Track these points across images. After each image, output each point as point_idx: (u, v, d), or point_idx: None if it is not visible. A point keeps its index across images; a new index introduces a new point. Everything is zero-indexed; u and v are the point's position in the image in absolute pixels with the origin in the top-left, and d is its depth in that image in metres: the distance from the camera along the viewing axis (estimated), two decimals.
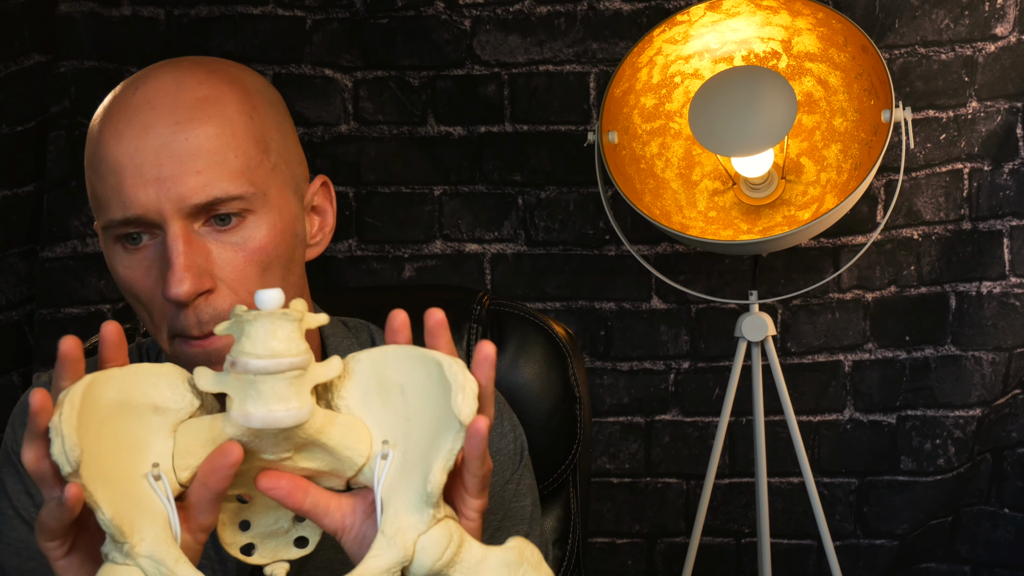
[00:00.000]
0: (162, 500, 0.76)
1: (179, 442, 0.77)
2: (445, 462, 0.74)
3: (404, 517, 0.75)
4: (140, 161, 0.93)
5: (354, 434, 0.78)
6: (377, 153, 2.30)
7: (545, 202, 2.30)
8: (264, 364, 0.73)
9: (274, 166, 0.98)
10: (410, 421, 0.78)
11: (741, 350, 2.04)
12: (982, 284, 2.19)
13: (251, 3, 2.24)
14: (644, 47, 2.01)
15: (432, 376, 0.76)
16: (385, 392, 0.79)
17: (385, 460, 0.78)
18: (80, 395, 0.74)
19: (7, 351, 2.19)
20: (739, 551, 2.34)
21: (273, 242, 0.97)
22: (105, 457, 0.75)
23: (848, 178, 1.96)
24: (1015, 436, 2.24)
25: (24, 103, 2.16)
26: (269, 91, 1.03)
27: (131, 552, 0.73)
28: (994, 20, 2.16)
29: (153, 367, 0.79)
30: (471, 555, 0.76)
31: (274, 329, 0.73)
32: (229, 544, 0.82)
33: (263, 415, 0.74)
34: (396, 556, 0.74)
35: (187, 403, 0.78)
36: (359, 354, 0.80)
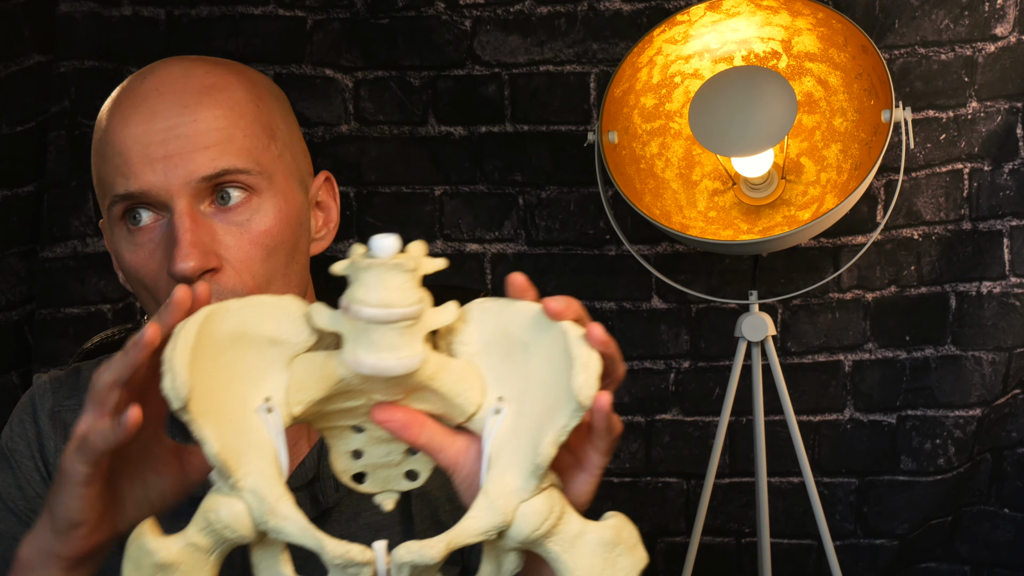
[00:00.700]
0: (272, 434, 0.76)
1: (293, 376, 0.77)
2: (557, 437, 0.73)
3: (509, 481, 0.75)
4: (147, 142, 0.93)
5: (467, 382, 0.78)
6: (378, 153, 2.30)
7: (545, 202, 2.30)
8: (375, 313, 0.72)
9: (280, 154, 0.99)
10: (528, 380, 0.77)
11: (741, 350, 2.04)
12: (982, 284, 2.20)
13: (251, 3, 2.24)
14: (644, 47, 2.01)
15: (557, 344, 0.75)
16: (508, 346, 0.78)
17: (498, 415, 0.77)
18: (196, 329, 0.74)
19: (7, 351, 2.19)
20: (739, 551, 2.34)
21: (278, 226, 0.97)
22: (219, 388, 0.75)
23: (848, 178, 1.96)
24: (1015, 436, 2.24)
25: (24, 103, 2.16)
26: (275, 87, 1.04)
27: (236, 486, 0.74)
28: (994, 20, 2.16)
29: (273, 299, 0.78)
30: (569, 528, 0.76)
31: (387, 279, 0.72)
32: (341, 472, 0.83)
33: (373, 362, 0.73)
34: (496, 520, 0.74)
35: (304, 337, 0.78)
36: (486, 302, 0.79)
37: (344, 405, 0.79)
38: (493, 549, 0.77)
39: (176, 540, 0.75)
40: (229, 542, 0.75)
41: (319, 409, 0.79)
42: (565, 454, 0.80)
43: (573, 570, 0.75)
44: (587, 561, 0.76)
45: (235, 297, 0.94)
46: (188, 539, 0.75)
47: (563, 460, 0.80)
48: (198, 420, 0.73)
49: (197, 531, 0.74)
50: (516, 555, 0.77)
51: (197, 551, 0.75)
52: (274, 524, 0.73)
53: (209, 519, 0.74)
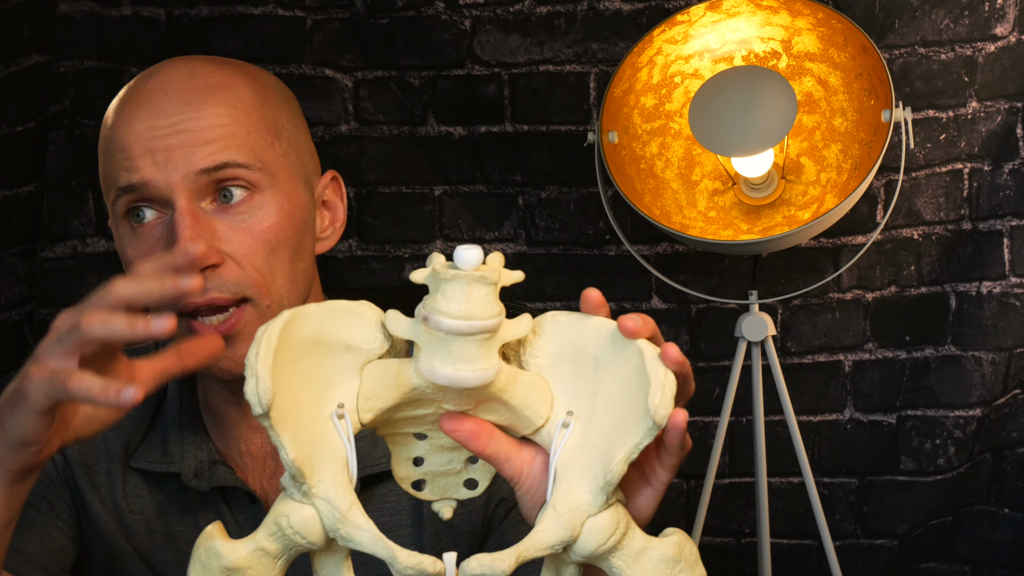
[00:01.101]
0: (343, 441, 0.76)
1: (365, 383, 0.78)
2: (629, 455, 0.74)
3: (577, 496, 0.75)
4: (149, 136, 0.94)
5: (536, 395, 0.78)
6: (377, 153, 2.30)
7: (545, 202, 2.30)
8: (457, 325, 0.72)
9: (284, 152, 1.00)
10: (597, 396, 0.77)
11: (741, 350, 2.04)
12: (982, 284, 2.19)
13: (251, 3, 2.24)
14: (644, 47, 2.01)
15: (631, 362, 0.75)
16: (579, 360, 0.78)
17: (566, 429, 0.77)
18: (278, 333, 0.74)
19: (7, 351, 2.19)
20: (739, 551, 2.34)
21: (281, 224, 0.98)
22: (294, 393, 0.75)
23: (848, 178, 1.96)
24: (1015, 436, 2.24)
25: (24, 103, 2.16)
26: (282, 87, 1.05)
27: (309, 492, 0.74)
28: (994, 20, 2.16)
29: (349, 304, 0.79)
30: (633, 544, 0.77)
31: (471, 291, 0.73)
32: (402, 478, 0.83)
33: (450, 373, 0.74)
34: (564, 535, 0.75)
35: (378, 344, 0.78)
36: (559, 315, 0.79)
37: (413, 413, 0.79)
38: (554, 562, 0.78)
39: (245, 544, 0.75)
40: (297, 548, 0.75)
41: (388, 416, 0.79)
42: (631, 469, 0.80)
43: None
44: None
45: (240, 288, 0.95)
46: (257, 543, 0.75)
47: (628, 475, 0.80)
48: (276, 427, 0.73)
49: (267, 536, 0.75)
50: (575, 568, 0.78)
51: (265, 556, 0.75)
52: (345, 532, 0.74)
53: (280, 524, 0.74)
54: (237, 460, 1.07)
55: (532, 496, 0.79)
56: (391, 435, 0.82)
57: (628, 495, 0.80)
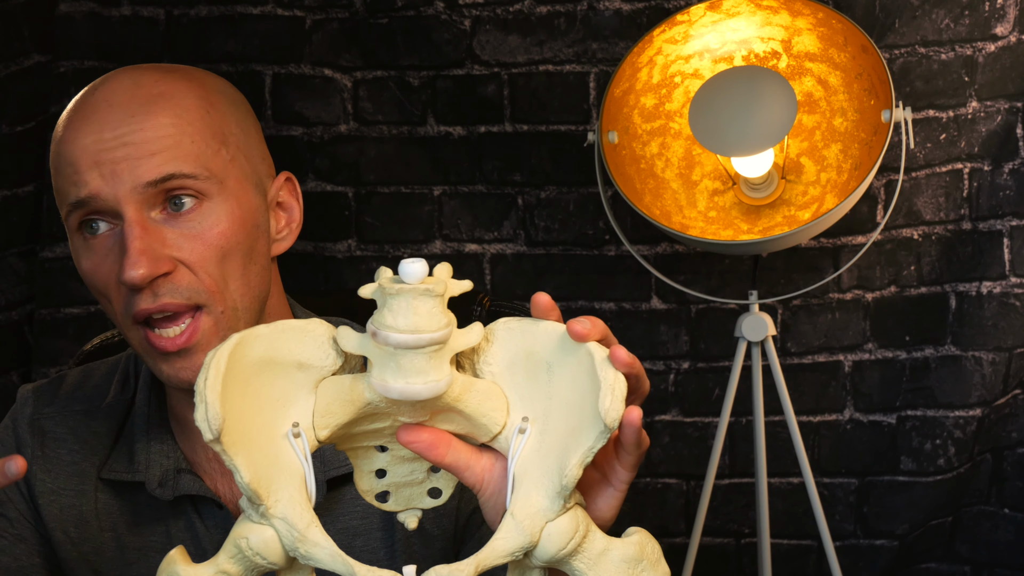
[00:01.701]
0: (300, 459, 0.77)
1: (319, 400, 0.78)
2: (583, 458, 0.74)
3: (535, 501, 0.76)
4: (95, 150, 0.95)
5: (491, 402, 0.78)
6: (377, 153, 2.30)
7: (545, 202, 2.29)
8: (405, 339, 0.73)
9: (232, 158, 1.00)
10: (552, 400, 0.78)
11: (741, 350, 2.04)
12: (982, 284, 2.19)
13: (251, 3, 2.24)
14: (644, 47, 2.01)
15: (582, 365, 0.76)
16: (532, 365, 0.78)
17: (522, 435, 0.78)
18: (226, 357, 0.74)
19: (7, 351, 2.19)
20: (739, 551, 2.34)
21: (232, 229, 0.98)
22: (248, 415, 0.75)
23: (848, 178, 1.95)
24: (1015, 436, 2.24)
25: (24, 103, 2.16)
26: (231, 91, 1.04)
27: (266, 513, 0.74)
28: (994, 20, 2.16)
29: (300, 323, 0.79)
30: (594, 546, 0.77)
31: (416, 305, 0.73)
32: (365, 491, 0.83)
33: (401, 387, 0.74)
34: (522, 541, 0.75)
35: (331, 361, 0.78)
36: (510, 322, 0.79)
37: (370, 427, 0.80)
38: (518, 567, 0.78)
39: (207, 568, 0.75)
40: (259, 568, 0.75)
41: (345, 431, 0.79)
42: (591, 471, 0.80)
43: None
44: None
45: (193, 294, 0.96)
46: (219, 567, 0.75)
47: (589, 477, 0.80)
48: (230, 450, 0.73)
49: (227, 558, 0.75)
50: (539, 572, 0.78)
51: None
52: (304, 550, 0.74)
53: (240, 546, 0.74)
54: (205, 467, 1.07)
55: (494, 503, 0.79)
56: (352, 449, 0.82)
57: (589, 497, 0.80)
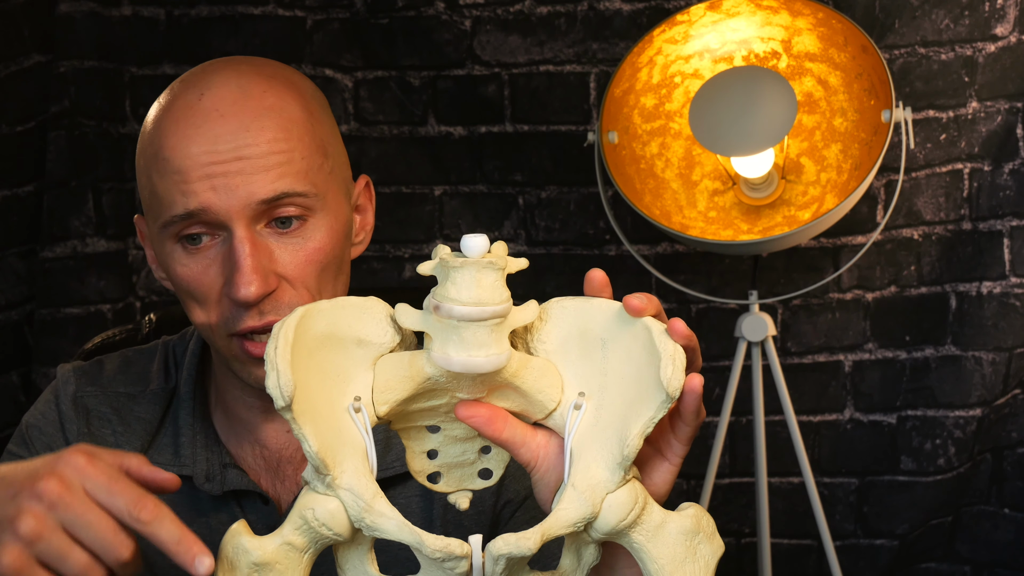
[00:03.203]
0: (361, 433, 0.77)
1: (378, 376, 0.79)
2: (644, 428, 0.75)
3: (596, 473, 0.77)
4: (207, 162, 0.95)
5: (547, 379, 0.79)
6: (378, 153, 2.30)
7: (545, 202, 2.30)
8: (469, 311, 0.74)
9: (332, 170, 1.01)
10: (607, 376, 0.79)
11: (741, 350, 2.04)
12: (982, 284, 2.19)
13: (251, 3, 2.24)
14: (644, 47, 2.01)
15: (639, 339, 0.77)
16: (585, 343, 0.79)
17: (579, 411, 0.79)
18: (294, 328, 0.75)
19: (7, 351, 2.19)
20: (739, 551, 2.34)
21: (330, 244, 0.99)
22: (311, 388, 0.76)
23: (848, 178, 1.96)
24: (1015, 436, 2.24)
25: (24, 103, 2.16)
26: (320, 95, 1.05)
27: (332, 484, 0.75)
28: (994, 20, 2.16)
29: (359, 300, 0.80)
30: (652, 518, 0.78)
31: (480, 277, 0.74)
32: (417, 471, 0.84)
33: (463, 360, 0.75)
34: (585, 511, 0.76)
35: (389, 338, 0.79)
36: (564, 300, 0.80)
37: (426, 404, 0.80)
38: (574, 542, 0.79)
39: (272, 539, 0.76)
40: (324, 540, 0.76)
41: (403, 408, 0.80)
42: (646, 446, 0.81)
43: (657, 559, 0.78)
44: (670, 550, 0.78)
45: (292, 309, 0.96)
46: (284, 538, 0.76)
47: (644, 452, 0.81)
48: (299, 419, 0.74)
49: (293, 530, 0.76)
50: (595, 547, 0.79)
51: (292, 550, 0.76)
52: (371, 521, 0.75)
53: (306, 517, 0.75)
54: (249, 463, 1.07)
55: (548, 480, 0.80)
56: (404, 429, 0.83)
57: (645, 471, 0.81)
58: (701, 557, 0.79)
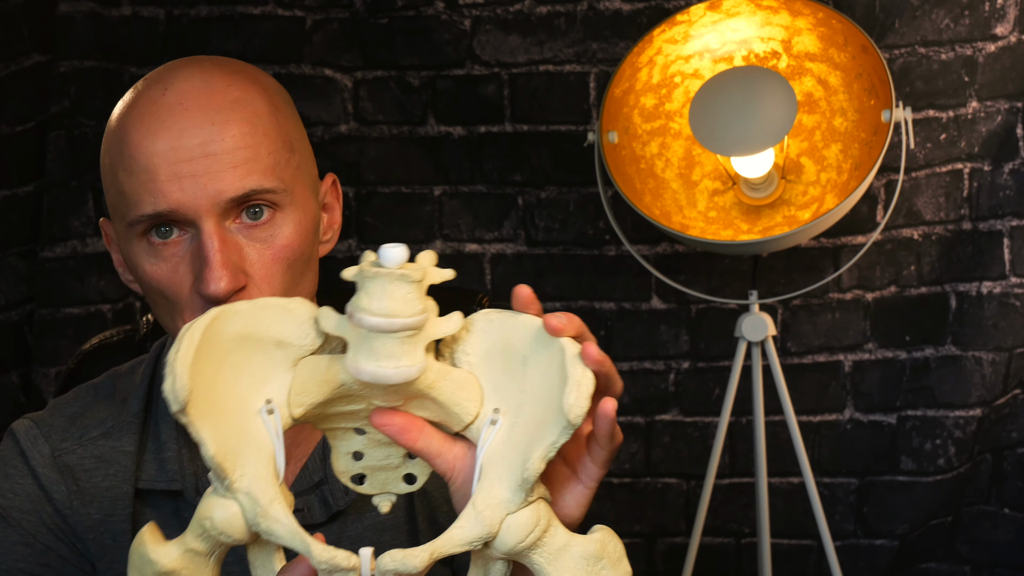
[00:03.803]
0: (271, 436, 0.77)
1: (296, 378, 0.79)
2: (546, 452, 0.75)
3: (497, 493, 0.76)
4: (175, 160, 0.94)
5: (465, 391, 0.79)
6: (377, 153, 2.30)
7: (545, 202, 2.30)
8: (378, 322, 0.73)
9: (298, 165, 1.00)
10: (525, 394, 0.78)
11: (741, 350, 2.04)
12: (982, 284, 2.19)
13: (251, 3, 2.24)
14: (644, 47, 2.01)
15: (555, 361, 0.76)
16: (508, 358, 0.79)
17: (493, 426, 0.78)
18: (200, 331, 0.75)
19: (7, 351, 2.19)
20: (739, 551, 2.34)
21: (298, 240, 0.99)
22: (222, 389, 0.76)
23: (848, 178, 1.96)
24: (1015, 436, 2.24)
25: (24, 103, 2.16)
26: (284, 91, 1.05)
27: (231, 487, 0.75)
28: (994, 20, 2.16)
29: (282, 301, 0.80)
30: (555, 541, 0.77)
31: (392, 289, 0.73)
32: (341, 472, 0.84)
33: (373, 370, 0.74)
34: (481, 531, 0.75)
35: (310, 340, 0.79)
36: (491, 313, 0.80)
37: (345, 408, 0.80)
38: (480, 557, 0.79)
39: (175, 546, 0.76)
40: (225, 545, 0.76)
41: (321, 411, 0.80)
42: (561, 466, 0.80)
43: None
44: (570, 574, 0.77)
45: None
46: (186, 545, 0.76)
47: (558, 472, 0.80)
48: (196, 423, 0.74)
49: (194, 537, 0.76)
50: (503, 564, 0.79)
51: (196, 556, 0.76)
52: (265, 526, 0.74)
53: (204, 526, 0.75)
54: None
55: (463, 493, 0.79)
56: (330, 429, 0.83)
57: (558, 492, 0.80)
58: None
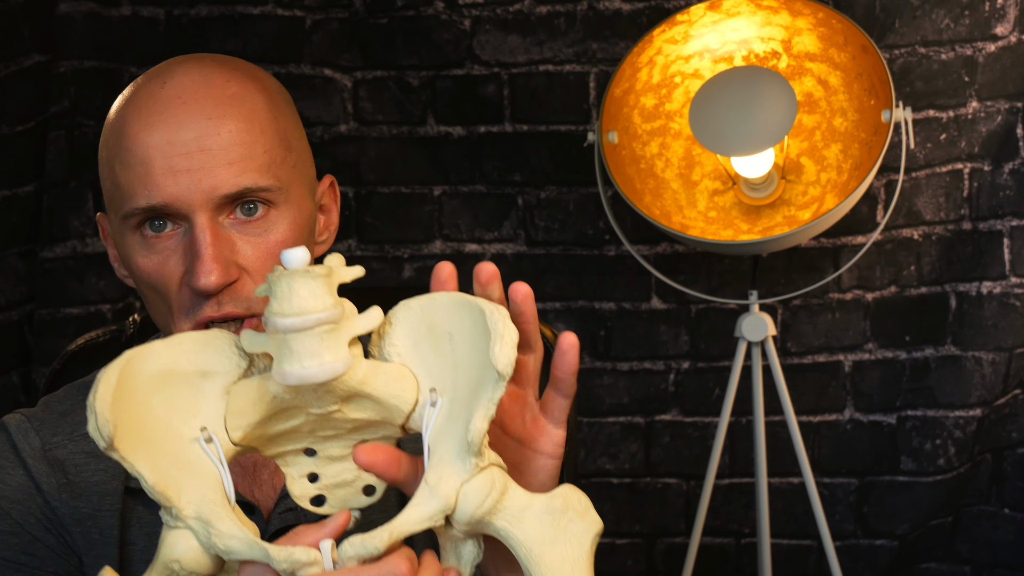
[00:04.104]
0: (213, 462, 0.77)
1: (231, 403, 0.79)
2: (486, 411, 0.74)
3: (447, 466, 0.76)
4: (171, 153, 0.94)
5: (399, 382, 0.78)
6: (377, 153, 2.30)
7: (545, 202, 2.30)
8: (290, 322, 0.73)
9: (295, 164, 1.00)
10: (457, 368, 0.78)
11: (741, 350, 2.04)
12: (982, 284, 2.19)
13: (251, 3, 2.24)
14: (644, 47, 2.01)
15: (477, 324, 0.76)
16: (435, 339, 0.79)
17: (434, 408, 0.78)
18: (116, 373, 0.75)
19: (7, 351, 2.19)
20: (739, 551, 2.34)
21: (293, 237, 0.98)
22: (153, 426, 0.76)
23: (848, 178, 1.96)
24: (1015, 436, 2.24)
25: (24, 103, 2.16)
26: (284, 90, 1.05)
27: (179, 515, 0.75)
28: (994, 20, 2.16)
29: (198, 334, 0.80)
30: (514, 502, 0.77)
31: (296, 287, 0.74)
32: (299, 497, 0.83)
33: (297, 372, 0.74)
34: (437, 505, 0.75)
35: (234, 365, 0.79)
36: (410, 301, 0.80)
37: (285, 426, 0.80)
38: (448, 540, 0.78)
39: None
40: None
41: (261, 432, 0.80)
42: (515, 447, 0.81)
43: (524, 542, 0.76)
44: (536, 532, 0.76)
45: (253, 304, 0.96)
46: None
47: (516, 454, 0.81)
48: (128, 456, 0.74)
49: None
50: (473, 544, 0.78)
51: None
52: (222, 545, 0.74)
53: (173, 568, 0.75)
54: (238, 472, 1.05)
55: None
56: (279, 455, 0.82)
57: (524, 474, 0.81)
58: (573, 536, 0.77)
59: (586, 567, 0.77)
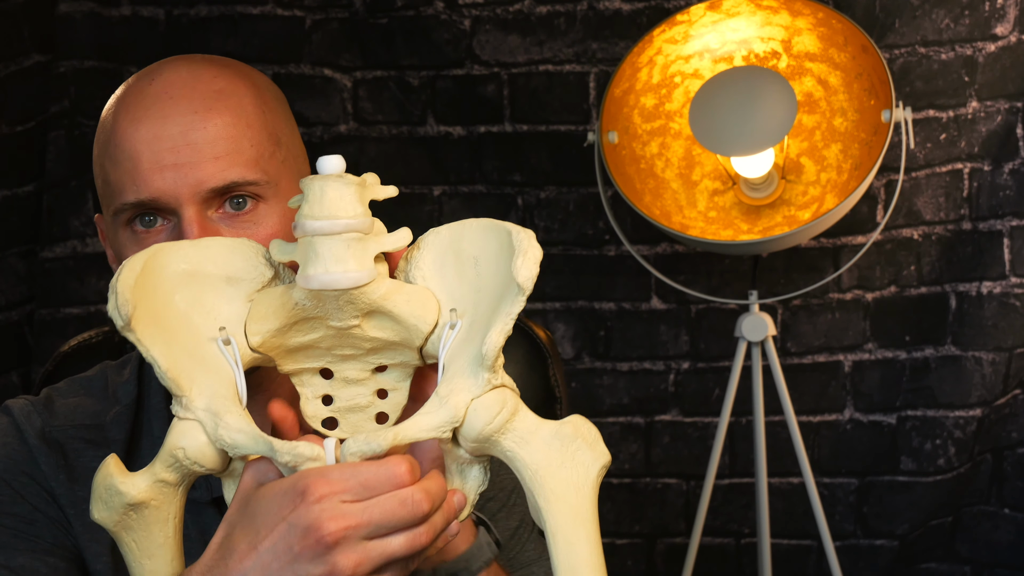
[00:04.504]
0: (229, 362, 0.78)
1: (253, 309, 0.79)
2: (503, 325, 0.75)
3: (459, 380, 0.76)
4: (158, 148, 0.94)
5: (421, 303, 0.79)
6: (377, 153, 2.30)
7: (545, 202, 2.30)
8: (319, 225, 0.74)
9: (284, 159, 1.01)
10: (480, 292, 0.78)
11: (741, 350, 2.04)
12: (982, 284, 2.19)
13: (251, 3, 2.24)
14: (644, 47, 2.01)
15: (503, 245, 0.77)
16: (460, 264, 0.80)
17: (452, 329, 0.78)
18: (142, 261, 0.77)
19: (7, 351, 2.19)
20: (739, 551, 2.34)
21: (281, 232, 0.99)
22: (173, 319, 0.77)
23: (848, 178, 1.95)
24: (1015, 436, 2.24)
25: (24, 103, 2.16)
26: (275, 89, 1.06)
27: (189, 405, 0.75)
28: (994, 20, 2.16)
29: (226, 240, 0.81)
30: (524, 424, 0.76)
31: (328, 190, 0.74)
32: (311, 417, 0.84)
33: (320, 276, 0.74)
34: (446, 416, 0.75)
35: (259, 273, 0.80)
36: (440, 228, 0.82)
37: (305, 339, 0.80)
38: (454, 462, 0.78)
39: (143, 477, 0.76)
40: (195, 474, 0.76)
41: (280, 342, 0.80)
42: None
43: (529, 464, 0.75)
44: (543, 455, 0.76)
45: None
46: (156, 475, 0.76)
47: None
48: (144, 340, 0.74)
49: (164, 467, 0.76)
50: (480, 469, 0.78)
51: (165, 486, 0.76)
52: (228, 438, 0.74)
53: (176, 456, 0.75)
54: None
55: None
56: (296, 373, 0.83)
57: None
58: (580, 464, 0.76)
59: (590, 494, 0.76)
